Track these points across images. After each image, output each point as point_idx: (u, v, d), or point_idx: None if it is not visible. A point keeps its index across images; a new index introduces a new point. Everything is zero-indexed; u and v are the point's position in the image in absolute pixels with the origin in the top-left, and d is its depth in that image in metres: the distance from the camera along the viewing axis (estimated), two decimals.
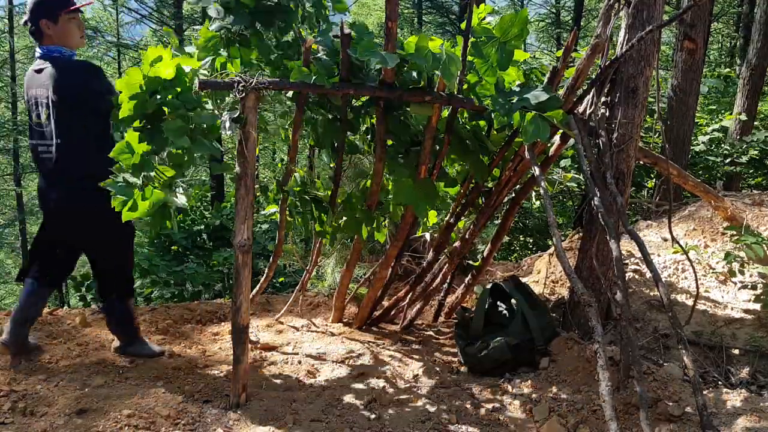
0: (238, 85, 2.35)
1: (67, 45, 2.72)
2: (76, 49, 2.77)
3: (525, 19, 2.51)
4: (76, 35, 2.73)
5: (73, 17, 2.71)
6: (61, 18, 2.67)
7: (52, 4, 2.66)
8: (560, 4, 13.93)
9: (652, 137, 5.40)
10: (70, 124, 2.69)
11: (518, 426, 2.48)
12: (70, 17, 2.69)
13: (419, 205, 2.80)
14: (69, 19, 2.69)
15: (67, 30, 2.70)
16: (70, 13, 2.68)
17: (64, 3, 2.67)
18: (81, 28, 2.77)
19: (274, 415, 2.51)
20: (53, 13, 2.66)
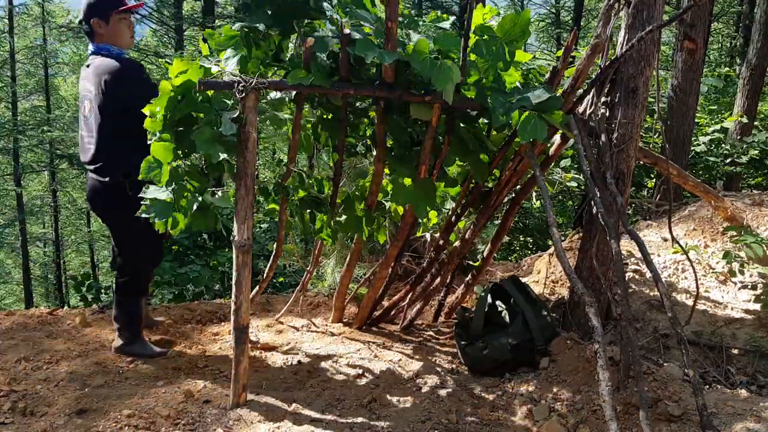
0: (238, 85, 2.35)
1: (117, 44, 2.85)
2: (126, 49, 2.90)
3: (527, 21, 2.51)
4: (126, 35, 2.86)
5: (124, 17, 2.84)
6: (112, 18, 2.81)
7: (104, 5, 2.79)
8: (560, 4, 13.93)
9: (652, 137, 5.40)
10: (108, 120, 2.80)
11: (518, 426, 2.48)
12: (120, 17, 2.82)
13: (418, 205, 2.80)
14: (119, 19, 2.83)
15: (117, 29, 2.83)
16: (120, 14, 2.81)
17: (115, 3, 2.80)
18: (131, 29, 2.90)
19: (274, 415, 2.51)
20: (105, 13, 2.79)
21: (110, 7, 2.79)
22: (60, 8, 16.07)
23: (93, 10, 2.79)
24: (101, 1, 2.80)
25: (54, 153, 13.34)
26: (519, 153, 2.86)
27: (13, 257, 16.40)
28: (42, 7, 14.24)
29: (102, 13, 2.79)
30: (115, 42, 2.84)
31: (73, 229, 16.80)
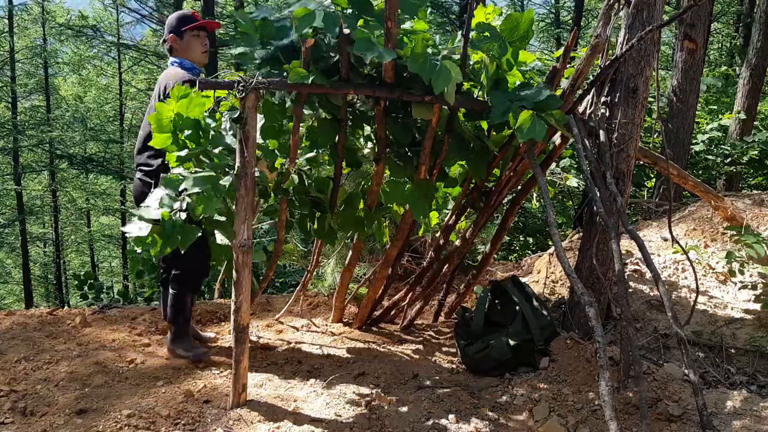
0: (238, 85, 2.35)
1: (189, 58, 3.10)
2: (198, 64, 3.12)
3: (531, 20, 2.51)
4: (197, 50, 3.10)
5: (197, 34, 3.09)
6: (186, 34, 3.07)
7: (179, 22, 3.08)
8: (560, 4, 13.92)
9: (652, 137, 5.40)
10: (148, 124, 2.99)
11: (518, 426, 2.48)
12: (193, 34, 3.08)
13: (416, 206, 2.79)
14: (192, 36, 3.08)
15: (189, 45, 3.09)
16: (192, 30, 3.07)
17: (187, 21, 3.08)
18: (204, 45, 3.12)
19: (274, 415, 2.51)
20: (179, 30, 3.07)
21: (183, 23, 3.07)
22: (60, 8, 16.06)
23: (170, 27, 3.11)
24: (177, 19, 3.10)
25: (54, 153, 13.34)
26: (519, 153, 2.86)
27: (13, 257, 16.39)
28: (42, 7, 14.24)
29: (177, 30, 3.08)
30: (187, 56, 3.09)
31: (73, 229, 16.79)
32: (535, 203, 5.60)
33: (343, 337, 3.48)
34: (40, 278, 16.93)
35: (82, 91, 17.77)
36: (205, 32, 3.13)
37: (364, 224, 3.11)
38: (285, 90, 2.59)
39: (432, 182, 2.90)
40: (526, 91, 2.50)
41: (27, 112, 14.00)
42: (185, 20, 3.08)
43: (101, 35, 13.11)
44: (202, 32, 3.11)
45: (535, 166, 2.64)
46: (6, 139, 12.55)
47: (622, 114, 2.90)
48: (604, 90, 2.92)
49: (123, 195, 14.74)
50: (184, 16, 3.13)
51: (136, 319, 3.65)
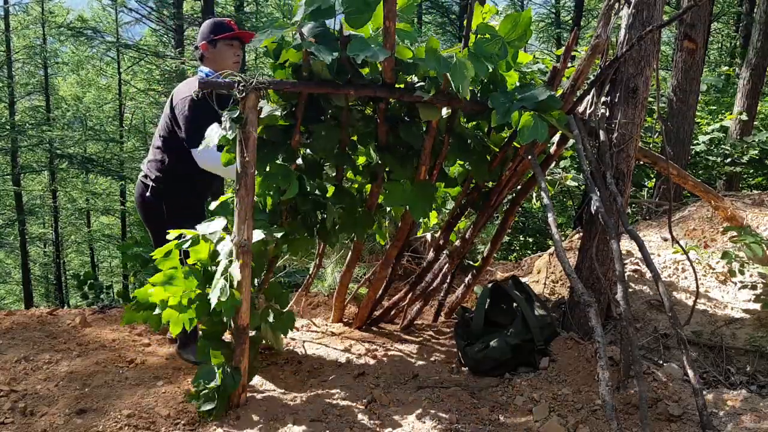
0: (238, 84, 2.35)
1: (219, 68, 2.93)
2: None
3: (529, 21, 2.51)
4: (228, 60, 3.01)
5: (230, 44, 3.01)
6: (219, 43, 3.00)
7: (212, 30, 3.01)
8: (560, 4, 13.93)
9: (652, 137, 5.40)
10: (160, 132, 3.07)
11: (518, 426, 2.48)
12: (226, 43, 3.01)
13: (415, 207, 2.79)
14: (225, 45, 3.01)
15: (221, 54, 3.01)
16: (226, 40, 3.00)
17: (221, 29, 3.00)
18: (236, 55, 3.04)
19: (274, 415, 2.51)
20: (212, 38, 3.01)
21: (216, 32, 3.01)
22: (60, 8, 16.06)
23: (203, 35, 3.04)
24: (210, 26, 3.03)
25: (54, 153, 13.34)
26: (519, 153, 2.86)
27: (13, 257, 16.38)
28: (42, 7, 14.23)
29: (209, 39, 3.01)
30: (218, 66, 2.98)
31: (73, 229, 16.79)
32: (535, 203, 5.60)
33: (343, 337, 3.48)
34: (40, 278, 16.93)
35: (82, 91, 17.77)
36: (240, 42, 3.05)
37: (363, 225, 3.10)
38: (285, 90, 2.59)
39: (432, 182, 2.90)
40: (526, 92, 2.50)
41: (27, 112, 14.00)
42: (220, 28, 3.01)
43: (101, 35, 13.09)
44: (236, 42, 3.03)
45: (535, 166, 2.64)
46: (5, 139, 12.54)
47: (622, 114, 2.90)
48: (604, 90, 2.92)
49: (123, 195, 14.74)
50: (219, 23, 3.04)
51: None
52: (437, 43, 2.40)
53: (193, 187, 3.04)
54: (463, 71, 2.35)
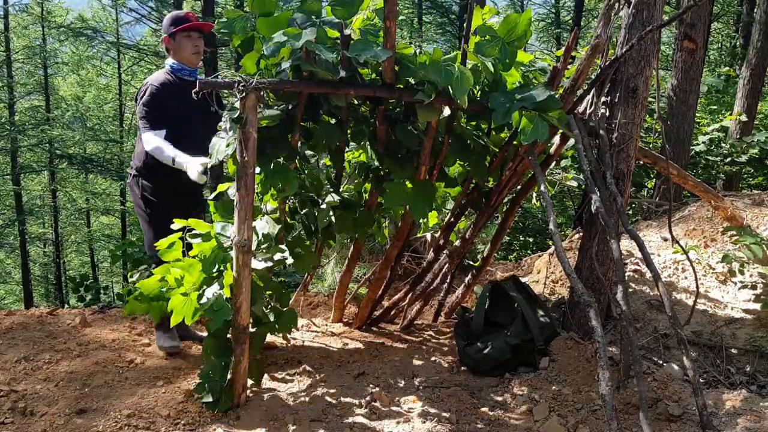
0: (238, 84, 2.35)
1: (181, 60, 3.12)
2: (190, 65, 3.13)
3: (528, 21, 2.52)
4: (187, 51, 3.10)
5: (188, 35, 3.09)
6: (177, 35, 3.09)
7: (170, 23, 3.11)
8: (560, 4, 13.92)
9: (652, 137, 5.40)
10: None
11: (518, 426, 2.48)
12: (184, 35, 3.09)
13: (415, 207, 2.79)
14: (183, 37, 3.09)
15: (180, 46, 3.10)
16: (183, 31, 3.08)
17: (178, 22, 3.09)
18: (194, 46, 3.11)
19: (274, 415, 2.51)
20: (171, 31, 3.10)
21: (174, 25, 3.09)
22: (59, 8, 16.06)
23: (164, 29, 3.15)
24: (169, 20, 3.13)
25: (54, 153, 13.33)
26: (519, 153, 2.86)
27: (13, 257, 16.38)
28: (42, 7, 14.22)
29: (169, 31, 3.11)
30: (179, 57, 3.12)
31: (73, 229, 16.78)
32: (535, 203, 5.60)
33: (343, 337, 3.48)
34: (40, 278, 16.92)
35: (82, 91, 17.76)
36: (199, 33, 3.12)
37: (363, 225, 3.11)
38: (285, 90, 2.59)
39: (432, 183, 2.90)
40: (525, 92, 2.50)
41: (27, 112, 13.99)
42: (176, 21, 3.10)
43: (101, 35, 13.08)
44: (194, 33, 3.10)
45: (535, 166, 2.64)
46: (5, 139, 12.54)
47: (622, 114, 2.90)
48: (604, 90, 2.92)
49: (123, 195, 14.73)
50: (176, 17, 3.13)
51: (136, 319, 3.65)
52: (440, 54, 2.41)
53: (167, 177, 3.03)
54: (463, 83, 2.36)
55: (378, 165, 2.95)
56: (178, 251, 2.64)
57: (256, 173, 2.52)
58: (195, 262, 2.57)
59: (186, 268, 2.55)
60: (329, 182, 3.18)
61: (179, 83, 3.10)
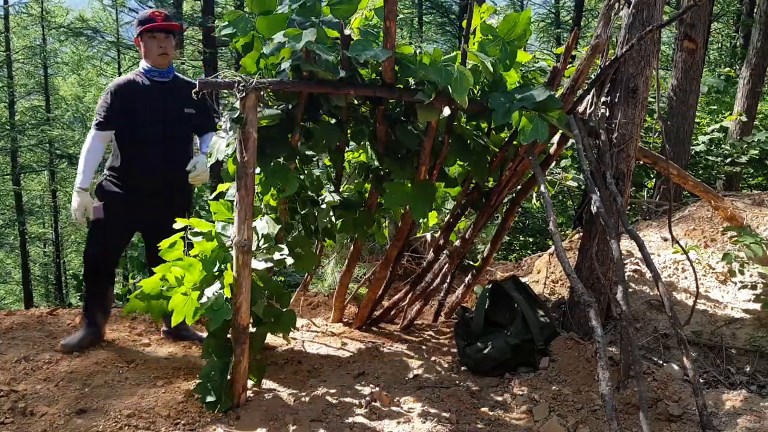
0: (238, 84, 2.35)
1: (148, 60, 3.11)
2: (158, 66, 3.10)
3: (528, 20, 2.52)
4: (153, 51, 3.08)
5: (152, 36, 3.07)
6: (143, 36, 3.08)
7: (138, 25, 3.10)
8: (560, 4, 13.92)
9: (652, 137, 5.40)
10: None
11: (518, 426, 2.48)
12: (149, 36, 3.07)
13: (415, 207, 2.79)
14: (148, 38, 3.08)
15: (146, 47, 3.09)
16: (147, 32, 3.06)
17: (143, 23, 3.08)
18: (160, 47, 3.07)
19: (274, 415, 2.51)
20: (139, 33, 3.09)
21: (140, 26, 3.09)
22: (59, 7, 16.06)
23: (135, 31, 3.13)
24: (136, 22, 3.12)
25: (54, 153, 13.33)
26: (519, 153, 2.86)
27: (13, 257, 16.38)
28: (41, 7, 14.23)
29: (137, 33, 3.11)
30: (146, 57, 3.11)
31: (73, 229, 16.78)
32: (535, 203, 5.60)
33: (343, 337, 3.48)
34: (40, 278, 16.93)
35: (82, 91, 17.77)
36: (165, 33, 3.08)
37: (363, 225, 3.11)
38: (285, 90, 2.59)
39: (432, 183, 2.90)
40: (525, 92, 2.51)
41: (27, 112, 13.99)
42: (142, 22, 3.08)
43: (101, 35, 13.09)
44: (159, 34, 3.06)
45: (535, 166, 2.64)
46: (5, 139, 12.54)
47: (622, 114, 2.90)
48: (604, 90, 2.92)
49: None
50: (142, 17, 3.10)
51: (136, 318, 3.65)
52: (440, 54, 2.41)
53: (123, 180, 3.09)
54: (463, 83, 2.36)
55: (378, 165, 2.96)
56: (180, 251, 2.65)
57: (256, 173, 2.52)
58: (195, 261, 2.57)
59: (186, 267, 2.55)
60: (329, 182, 3.19)
61: (149, 85, 3.09)
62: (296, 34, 2.31)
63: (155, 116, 3.06)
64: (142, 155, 3.07)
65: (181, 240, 2.65)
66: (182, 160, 3.08)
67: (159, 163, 3.08)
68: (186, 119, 3.13)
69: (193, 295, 2.51)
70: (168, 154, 3.09)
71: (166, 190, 3.14)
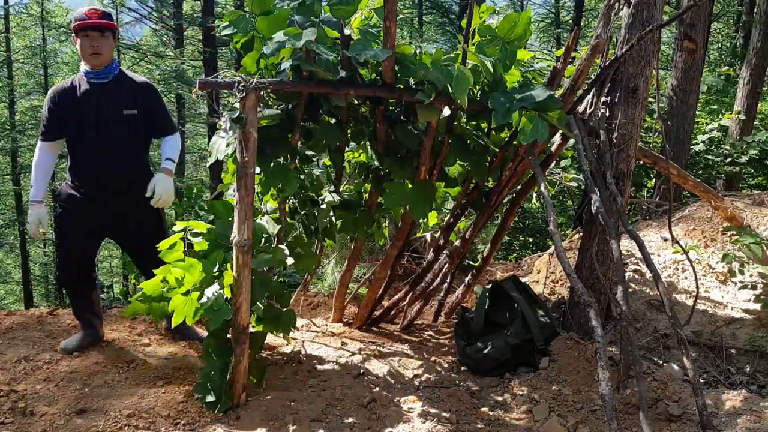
0: (238, 84, 2.35)
1: (85, 59, 2.98)
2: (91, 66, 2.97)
3: (528, 20, 2.52)
4: (86, 50, 2.94)
5: (85, 35, 2.92)
6: (77, 36, 2.95)
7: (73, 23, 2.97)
8: (560, 4, 13.92)
9: (652, 137, 5.40)
10: None
11: (518, 426, 2.48)
12: (82, 35, 2.93)
13: (415, 207, 2.79)
14: (81, 37, 2.94)
15: (80, 47, 2.96)
16: (79, 31, 2.92)
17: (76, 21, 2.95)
18: (92, 46, 2.92)
19: (274, 415, 2.51)
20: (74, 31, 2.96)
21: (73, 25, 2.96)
22: (59, 8, 16.06)
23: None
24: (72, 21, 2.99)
25: None
26: (519, 153, 2.86)
27: (13, 257, 16.38)
28: (41, 7, 14.23)
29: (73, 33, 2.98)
30: (83, 57, 2.98)
31: None
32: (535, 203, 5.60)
33: (343, 337, 3.48)
34: (40, 278, 16.92)
35: None
36: (99, 32, 2.91)
37: (363, 225, 3.11)
38: (285, 90, 2.59)
39: (432, 183, 2.90)
40: (525, 92, 2.51)
41: (27, 112, 13.99)
42: (75, 20, 2.93)
43: None
44: (93, 32, 2.90)
45: (535, 166, 2.64)
46: (5, 139, 12.54)
47: (622, 114, 2.90)
48: (604, 90, 2.92)
49: None
50: (76, 16, 2.95)
51: (136, 319, 3.65)
52: (441, 54, 2.41)
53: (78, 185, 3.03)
54: (463, 83, 2.36)
55: (378, 165, 2.96)
56: (180, 252, 2.65)
57: (256, 173, 2.52)
58: (195, 262, 2.57)
59: (186, 268, 2.55)
60: (329, 182, 3.18)
61: (86, 89, 2.97)
62: (296, 33, 2.31)
63: (89, 119, 2.93)
64: (81, 159, 2.99)
65: (180, 241, 2.65)
66: (119, 163, 2.97)
67: (92, 166, 2.96)
68: (124, 121, 2.97)
69: (194, 295, 2.51)
70: (101, 156, 2.95)
71: (101, 193, 3.00)
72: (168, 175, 2.98)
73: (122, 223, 3.07)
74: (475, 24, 2.62)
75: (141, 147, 3.09)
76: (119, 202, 3.03)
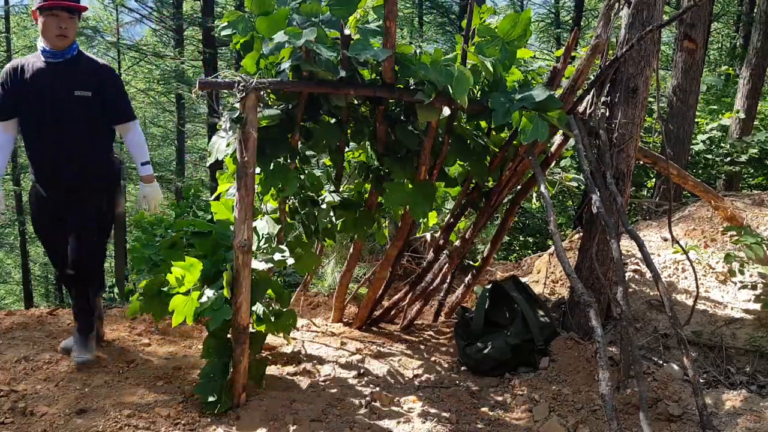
0: (238, 84, 2.35)
1: (45, 40, 2.84)
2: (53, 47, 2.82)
3: (528, 20, 2.52)
4: (50, 32, 2.80)
5: (51, 14, 2.79)
6: (41, 14, 2.81)
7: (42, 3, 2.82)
8: (560, 4, 13.91)
9: (652, 137, 5.40)
10: None
11: (518, 426, 2.48)
12: (46, 13, 2.79)
13: (415, 207, 2.79)
14: (46, 16, 2.80)
15: (44, 26, 2.81)
16: (47, 9, 2.79)
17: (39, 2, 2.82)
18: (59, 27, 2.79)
19: (274, 414, 2.51)
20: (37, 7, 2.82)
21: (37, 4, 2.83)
22: None
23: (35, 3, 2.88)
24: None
25: None
26: (519, 153, 2.86)
27: (13, 257, 16.37)
28: None
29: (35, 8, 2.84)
30: (45, 37, 2.83)
31: None
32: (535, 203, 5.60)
33: (343, 337, 3.48)
34: (40, 278, 16.91)
35: None
36: (69, 13, 2.79)
37: (363, 225, 3.11)
38: (285, 90, 2.59)
39: (432, 183, 2.90)
40: (525, 92, 2.51)
41: None
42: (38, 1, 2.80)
43: (101, 35, 13.07)
44: (63, 12, 2.77)
45: (535, 166, 2.64)
46: None
47: (622, 114, 2.90)
48: (604, 90, 2.92)
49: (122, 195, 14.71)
50: None
51: (136, 319, 3.65)
52: (441, 54, 2.41)
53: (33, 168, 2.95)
54: (463, 83, 2.36)
55: (378, 165, 2.96)
56: (181, 251, 2.65)
57: (256, 173, 2.52)
58: (196, 261, 2.57)
59: (186, 267, 2.55)
60: (329, 182, 3.18)
61: (41, 67, 2.85)
62: (296, 33, 2.32)
63: (44, 99, 2.82)
64: (36, 140, 2.88)
65: (181, 240, 2.66)
66: (74, 144, 2.87)
67: (47, 147, 2.87)
68: (77, 102, 2.85)
69: (194, 295, 2.51)
70: (55, 136, 2.84)
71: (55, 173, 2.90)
72: (150, 182, 3.00)
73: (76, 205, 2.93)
74: (475, 24, 2.62)
75: (101, 131, 2.98)
76: (74, 185, 2.91)
